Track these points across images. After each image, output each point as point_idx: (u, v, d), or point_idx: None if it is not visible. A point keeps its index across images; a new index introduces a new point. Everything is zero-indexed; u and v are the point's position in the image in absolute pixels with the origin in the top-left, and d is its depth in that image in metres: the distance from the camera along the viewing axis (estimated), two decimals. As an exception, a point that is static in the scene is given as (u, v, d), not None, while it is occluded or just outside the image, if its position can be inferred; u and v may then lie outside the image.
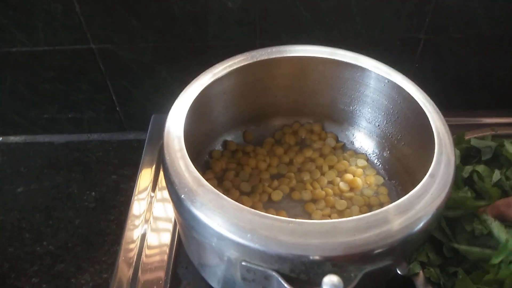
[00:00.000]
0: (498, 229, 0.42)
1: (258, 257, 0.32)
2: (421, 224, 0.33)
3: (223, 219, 0.33)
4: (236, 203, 0.33)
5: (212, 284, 0.43)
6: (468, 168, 0.53)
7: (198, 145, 0.41)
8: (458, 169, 0.47)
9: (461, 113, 0.75)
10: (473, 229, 0.44)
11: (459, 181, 0.51)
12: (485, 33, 0.71)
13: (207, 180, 0.35)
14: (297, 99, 0.54)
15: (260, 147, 0.58)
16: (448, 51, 0.73)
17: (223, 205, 0.33)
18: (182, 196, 0.34)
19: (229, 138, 0.51)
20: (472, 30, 0.70)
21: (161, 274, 0.50)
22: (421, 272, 0.46)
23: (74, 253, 0.66)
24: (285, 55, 0.50)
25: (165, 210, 0.59)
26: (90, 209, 0.72)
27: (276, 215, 0.41)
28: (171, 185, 0.36)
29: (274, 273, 0.32)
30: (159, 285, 0.49)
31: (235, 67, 0.47)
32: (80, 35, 0.68)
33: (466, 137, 0.61)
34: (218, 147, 0.51)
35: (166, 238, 0.55)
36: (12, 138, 0.84)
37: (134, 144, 0.83)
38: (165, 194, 0.62)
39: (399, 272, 0.45)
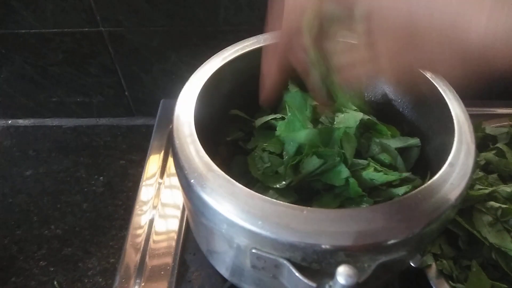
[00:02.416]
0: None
1: (269, 245, 0.31)
2: (439, 215, 0.31)
3: (234, 205, 0.32)
4: (247, 189, 0.32)
5: (220, 271, 0.42)
6: (484, 155, 0.52)
7: (209, 130, 0.40)
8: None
9: (477, 103, 0.73)
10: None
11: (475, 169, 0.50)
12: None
13: (217, 165, 0.34)
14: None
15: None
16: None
17: (233, 191, 0.32)
18: (192, 181, 0.33)
19: (237, 123, 0.49)
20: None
21: (168, 260, 0.49)
22: (433, 264, 0.45)
23: (82, 237, 0.66)
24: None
25: (173, 196, 0.59)
26: (98, 194, 0.72)
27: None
28: (180, 170, 0.35)
29: (285, 262, 0.31)
30: (167, 270, 0.48)
31: (246, 50, 0.46)
32: (90, 18, 0.67)
33: (483, 127, 0.59)
34: (228, 131, 0.50)
35: (174, 225, 0.54)
36: (21, 121, 0.84)
37: (142, 130, 0.82)
38: (174, 180, 0.62)
39: (412, 264, 0.44)
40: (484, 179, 0.50)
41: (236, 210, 0.31)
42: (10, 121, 0.84)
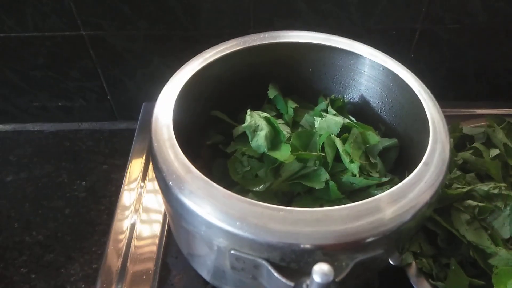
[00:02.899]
0: None
1: (247, 245, 0.31)
2: (414, 213, 0.32)
3: (212, 207, 0.32)
4: (226, 190, 0.33)
5: (202, 274, 0.42)
6: (462, 154, 0.53)
7: (187, 133, 0.40)
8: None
9: (456, 103, 0.75)
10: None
11: (452, 168, 0.51)
12: (482, 25, 0.70)
13: (199, 168, 0.34)
14: (290, 86, 0.53)
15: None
16: (444, 41, 0.72)
17: (212, 192, 0.32)
18: (170, 183, 0.33)
19: (220, 125, 0.50)
20: (468, 21, 0.69)
21: (150, 264, 0.49)
22: (413, 263, 0.45)
23: (64, 243, 0.65)
24: (277, 40, 0.48)
25: (155, 200, 0.59)
26: (80, 199, 0.71)
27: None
28: (159, 172, 0.35)
29: (264, 262, 0.31)
30: (148, 275, 0.48)
31: (226, 52, 0.46)
32: (70, 21, 0.66)
33: (461, 127, 0.60)
34: (209, 134, 0.50)
35: (156, 229, 0.54)
36: (1, 126, 0.82)
37: (125, 134, 0.81)
38: (155, 184, 0.61)
39: (391, 262, 0.44)
40: (462, 178, 0.51)
41: (215, 211, 0.32)
42: (-10, 127, 0.83)
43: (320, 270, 0.25)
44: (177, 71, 0.43)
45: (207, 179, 0.33)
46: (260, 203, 0.32)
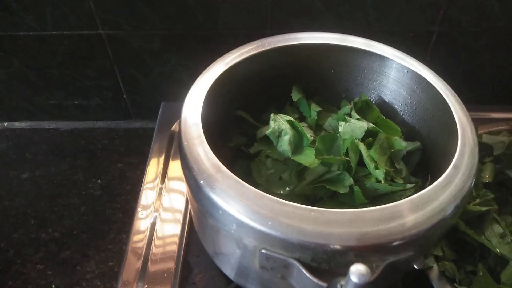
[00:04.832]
0: None
1: (279, 245, 0.31)
2: (444, 215, 0.32)
3: (243, 206, 0.32)
4: (257, 190, 0.33)
5: (226, 272, 0.42)
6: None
7: (211, 134, 0.40)
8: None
9: (471, 107, 0.74)
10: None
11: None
12: (500, 28, 0.70)
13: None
14: (312, 87, 0.53)
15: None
16: (461, 44, 0.72)
17: (243, 192, 0.33)
18: (201, 182, 0.34)
19: (243, 126, 0.50)
20: (486, 24, 0.69)
21: (171, 262, 0.49)
22: (435, 266, 0.45)
23: (80, 240, 0.66)
24: (300, 42, 0.49)
25: (175, 200, 0.59)
26: (95, 197, 0.71)
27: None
28: (189, 171, 0.35)
29: (295, 262, 0.31)
30: (170, 273, 0.48)
31: (250, 53, 0.46)
32: (89, 20, 0.67)
33: (479, 132, 0.60)
34: (231, 136, 0.50)
35: (177, 228, 0.54)
36: (17, 124, 0.83)
37: (140, 133, 0.82)
38: (174, 184, 0.62)
39: (415, 266, 0.44)
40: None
41: (246, 210, 0.32)
42: (6, 124, 0.83)
43: (358, 271, 0.25)
44: (203, 72, 0.44)
45: (237, 178, 0.33)
46: (291, 203, 0.32)
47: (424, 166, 0.47)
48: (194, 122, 0.37)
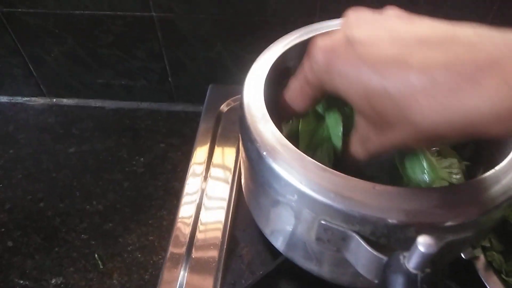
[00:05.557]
0: None
1: (339, 217, 0.32)
2: (505, 199, 0.32)
3: (306, 178, 0.33)
4: (319, 163, 0.34)
5: (276, 245, 0.43)
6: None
7: (273, 111, 0.41)
8: None
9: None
10: None
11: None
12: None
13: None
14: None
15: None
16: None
17: (305, 164, 0.33)
18: (264, 153, 0.35)
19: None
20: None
21: (217, 234, 0.51)
22: (482, 256, 0.45)
23: (122, 214, 0.68)
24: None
25: (222, 174, 0.60)
26: (138, 174, 0.73)
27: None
28: (251, 143, 0.36)
29: (354, 234, 0.32)
30: (216, 245, 0.49)
31: (309, 35, 0.47)
32: (143, 2, 0.69)
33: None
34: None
35: (223, 203, 0.56)
36: (65, 101, 0.86)
37: (182, 116, 0.84)
38: (221, 160, 0.63)
39: (463, 256, 0.45)
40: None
41: (309, 182, 0.33)
42: (54, 100, 0.86)
43: (425, 241, 0.26)
44: (263, 52, 0.45)
45: (300, 152, 0.34)
46: (353, 177, 0.33)
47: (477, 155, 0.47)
48: (258, 97, 0.39)
